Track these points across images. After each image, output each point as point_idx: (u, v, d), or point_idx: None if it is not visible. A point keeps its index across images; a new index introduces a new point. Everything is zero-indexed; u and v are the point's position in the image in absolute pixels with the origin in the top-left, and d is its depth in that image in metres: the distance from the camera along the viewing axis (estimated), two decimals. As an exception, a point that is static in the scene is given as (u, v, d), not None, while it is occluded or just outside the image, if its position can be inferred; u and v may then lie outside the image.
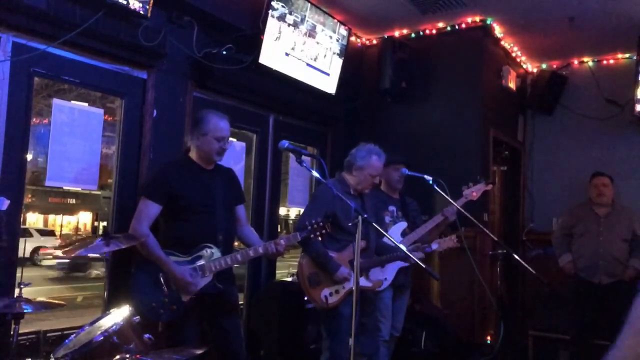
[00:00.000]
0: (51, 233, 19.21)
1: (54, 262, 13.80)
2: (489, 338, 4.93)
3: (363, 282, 3.43)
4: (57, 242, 18.30)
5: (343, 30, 4.91)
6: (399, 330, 3.96)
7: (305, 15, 4.46)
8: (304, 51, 4.53)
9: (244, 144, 4.59)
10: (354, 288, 2.50)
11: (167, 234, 2.94)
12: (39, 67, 3.11)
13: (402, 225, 3.90)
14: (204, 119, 3.00)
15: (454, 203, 3.77)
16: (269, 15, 4.10)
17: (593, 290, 4.53)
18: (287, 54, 4.38)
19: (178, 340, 2.78)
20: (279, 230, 5.35)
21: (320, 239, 3.04)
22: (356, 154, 3.49)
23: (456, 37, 5.15)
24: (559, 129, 6.01)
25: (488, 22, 5.04)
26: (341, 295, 3.32)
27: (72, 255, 2.58)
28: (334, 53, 4.86)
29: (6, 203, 2.84)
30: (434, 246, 3.77)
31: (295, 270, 3.79)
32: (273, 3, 4.11)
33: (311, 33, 4.57)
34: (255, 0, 4.19)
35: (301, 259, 3.38)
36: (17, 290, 2.51)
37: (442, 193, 3.58)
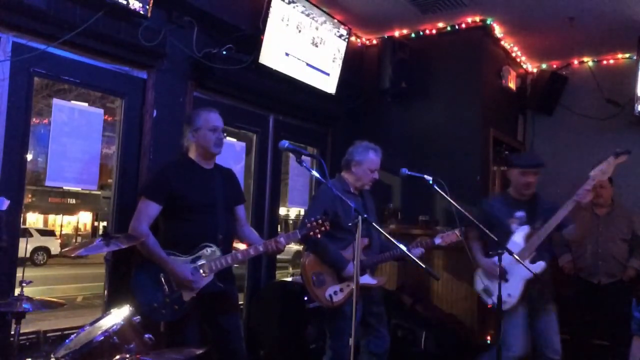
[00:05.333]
0: (51, 233, 19.20)
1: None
2: (489, 338, 4.92)
3: (367, 279, 3.44)
4: (57, 242, 18.33)
5: (343, 30, 4.91)
6: (558, 353, 3.56)
7: (305, 15, 4.46)
8: (304, 51, 4.53)
9: (244, 144, 4.60)
10: (354, 287, 2.51)
11: (168, 233, 2.94)
12: (39, 67, 3.11)
13: (524, 229, 3.53)
14: (193, 116, 3.08)
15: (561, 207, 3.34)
16: (269, 15, 4.10)
17: (593, 290, 4.53)
18: (287, 54, 4.38)
19: (179, 340, 2.78)
20: (279, 230, 5.35)
21: (319, 236, 3.05)
22: (353, 150, 3.54)
23: (456, 37, 5.15)
24: (559, 129, 6.01)
25: (488, 22, 5.04)
26: (346, 294, 3.34)
27: (72, 255, 2.58)
28: (334, 53, 4.86)
29: (6, 203, 2.84)
30: (437, 240, 3.70)
31: (295, 270, 3.78)
32: (273, 3, 4.11)
33: (311, 33, 4.57)
34: (255, 0, 4.19)
35: (304, 259, 3.40)
36: (17, 290, 2.51)
37: (442, 193, 3.58)
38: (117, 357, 2.19)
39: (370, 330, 3.49)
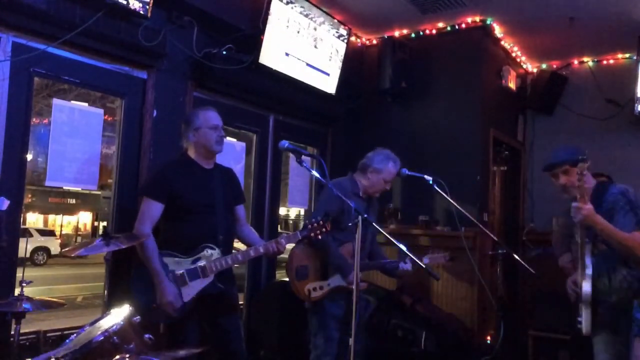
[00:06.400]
0: (51, 233, 19.20)
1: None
2: (489, 338, 4.92)
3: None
4: (57, 242, 18.33)
5: (343, 30, 4.91)
6: None
7: (305, 16, 4.46)
8: (304, 51, 4.53)
9: (244, 144, 4.60)
10: (354, 287, 2.51)
11: (167, 234, 2.94)
12: (39, 67, 3.11)
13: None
14: (192, 116, 3.07)
15: None
16: (269, 15, 4.10)
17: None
18: (287, 54, 4.38)
19: (178, 340, 2.78)
20: (279, 230, 5.35)
21: (320, 237, 3.05)
22: (374, 157, 3.49)
23: (456, 37, 5.15)
24: (559, 129, 6.01)
25: (488, 22, 5.04)
26: (324, 292, 3.35)
27: (72, 255, 2.58)
28: (334, 53, 4.86)
29: (6, 203, 2.85)
30: (425, 260, 3.70)
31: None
32: (273, 3, 4.11)
33: (311, 33, 4.57)
34: (255, 0, 4.19)
35: (294, 249, 3.39)
36: (17, 290, 2.51)
37: (442, 193, 3.58)
38: (117, 357, 2.19)
39: (350, 327, 3.49)
